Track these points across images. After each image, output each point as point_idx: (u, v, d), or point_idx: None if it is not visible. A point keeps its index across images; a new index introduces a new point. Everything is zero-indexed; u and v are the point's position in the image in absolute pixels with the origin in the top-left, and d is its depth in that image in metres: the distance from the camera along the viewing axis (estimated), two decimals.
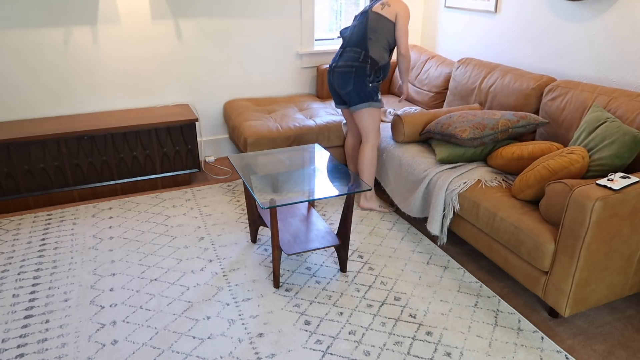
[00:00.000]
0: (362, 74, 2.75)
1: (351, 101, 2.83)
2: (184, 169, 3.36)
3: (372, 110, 2.84)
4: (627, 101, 2.29)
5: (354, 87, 2.78)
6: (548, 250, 1.94)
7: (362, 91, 2.78)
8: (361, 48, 2.77)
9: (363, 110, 2.82)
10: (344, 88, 2.81)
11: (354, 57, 2.77)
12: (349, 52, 2.81)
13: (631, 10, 2.48)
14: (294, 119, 3.34)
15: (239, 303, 2.19)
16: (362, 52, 2.76)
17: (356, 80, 2.76)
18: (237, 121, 3.32)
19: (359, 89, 2.78)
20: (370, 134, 2.89)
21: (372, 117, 2.85)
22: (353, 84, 2.78)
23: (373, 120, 2.86)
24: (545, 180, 2.12)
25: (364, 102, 2.80)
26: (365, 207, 3.03)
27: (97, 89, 3.37)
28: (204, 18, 3.48)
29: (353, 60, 2.77)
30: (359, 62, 2.75)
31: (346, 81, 2.79)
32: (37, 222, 2.88)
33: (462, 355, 1.91)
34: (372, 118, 2.85)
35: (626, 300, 2.24)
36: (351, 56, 2.78)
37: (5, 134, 2.88)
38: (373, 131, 2.89)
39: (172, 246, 2.63)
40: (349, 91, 2.80)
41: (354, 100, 2.81)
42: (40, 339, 1.97)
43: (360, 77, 2.76)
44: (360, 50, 2.77)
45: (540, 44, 3.04)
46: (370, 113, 2.84)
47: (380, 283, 2.34)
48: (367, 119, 2.85)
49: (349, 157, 3.24)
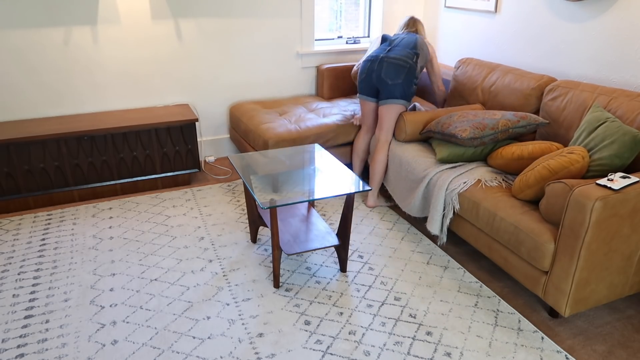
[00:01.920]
0: (413, 73, 2.90)
1: (394, 93, 2.88)
2: (184, 169, 3.36)
3: (402, 109, 2.94)
4: (627, 101, 2.29)
5: (404, 81, 2.87)
6: (548, 250, 1.94)
7: (409, 88, 2.90)
8: (414, 54, 2.92)
9: (396, 105, 2.90)
10: (394, 78, 2.87)
11: (409, 55, 2.90)
12: (401, 50, 2.92)
13: (631, 10, 2.48)
14: (309, 119, 3.34)
15: (239, 303, 2.19)
16: (414, 57, 2.91)
17: (407, 76, 2.88)
18: (251, 125, 3.31)
19: (406, 85, 2.88)
20: (390, 131, 2.98)
21: (396, 118, 2.94)
22: (404, 78, 2.87)
23: (395, 120, 2.95)
24: (545, 180, 2.11)
25: (404, 98, 2.90)
26: (373, 205, 3.05)
27: (97, 89, 3.37)
28: (204, 18, 3.48)
29: (408, 57, 2.89)
30: (412, 61, 2.89)
31: (399, 73, 2.86)
32: (37, 222, 2.88)
33: (462, 355, 1.90)
34: (396, 117, 2.94)
35: (626, 300, 2.24)
36: (407, 53, 2.90)
37: (5, 134, 2.88)
38: (392, 130, 2.98)
39: (172, 246, 2.63)
40: (397, 83, 2.87)
41: (397, 93, 2.88)
42: (40, 339, 1.97)
43: (411, 76, 2.89)
44: (413, 54, 2.91)
45: (541, 43, 3.04)
46: (399, 111, 2.93)
47: (380, 283, 2.34)
48: (393, 115, 2.93)
49: (356, 153, 3.23)
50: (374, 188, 3.05)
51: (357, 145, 3.21)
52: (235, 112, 3.61)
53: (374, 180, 3.01)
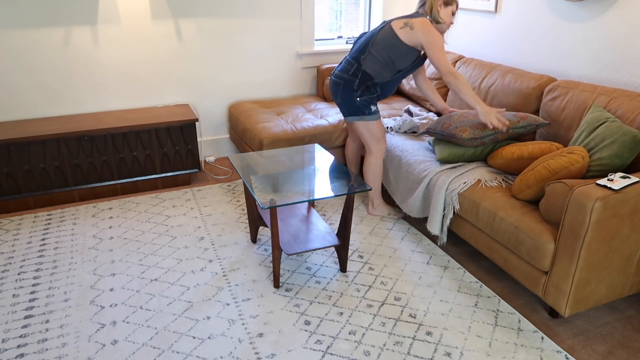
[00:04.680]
0: (349, 88, 2.67)
1: (343, 112, 2.80)
2: (184, 169, 3.36)
3: (366, 123, 2.74)
4: (627, 101, 2.29)
5: (342, 100, 2.73)
6: (548, 250, 1.94)
7: (350, 105, 2.70)
8: (355, 61, 2.66)
9: (355, 123, 2.76)
10: (335, 98, 2.79)
11: (346, 69, 2.70)
12: (345, 63, 2.74)
13: (631, 10, 2.48)
14: (306, 119, 3.34)
15: (239, 303, 2.19)
16: (355, 65, 2.65)
17: (343, 94, 2.70)
18: (248, 124, 3.31)
19: (346, 102, 2.71)
20: (370, 144, 2.81)
21: (368, 129, 2.75)
22: (341, 97, 2.73)
23: (369, 131, 2.76)
24: (545, 180, 2.11)
25: (353, 115, 2.73)
26: (374, 214, 2.97)
27: (97, 89, 3.37)
28: (204, 18, 3.48)
29: (344, 72, 2.70)
30: (348, 74, 2.67)
31: (335, 92, 2.76)
32: (37, 222, 2.88)
33: (462, 355, 1.90)
34: (368, 130, 2.75)
35: (626, 300, 2.24)
36: (344, 67, 2.72)
37: (5, 134, 2.88)
38: (373, 141, 2.80)
39: (172, 246, 2.63)
40: (338, 102, 2.78)
41: (344, 112, 2.78)
42: (40, 339, 1.97)
43: (347, 91, 2.68)
44: (353, 62, 2.67)
45: (541, 44, 3.04)
46: (364, 126, 2.74)
47: (380, 283, 2.34)
48: (363, 131, 2.77)
49: (348, 159, 3.22)
50: (372, 197, 2.94)
51: (347, 152, 3.20)
52: (233, 111, 3.62)
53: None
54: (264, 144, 3.09)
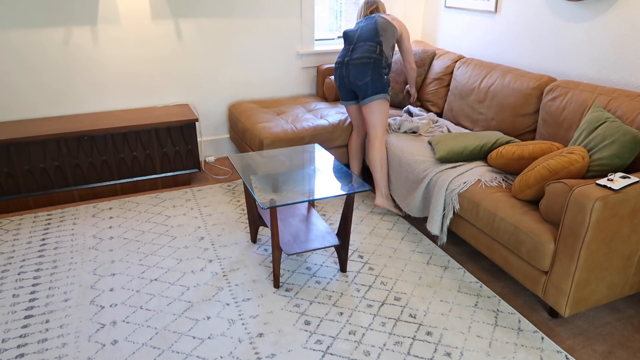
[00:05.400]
0: (380, 65, 2.85)
1: (367, 92, 2.87)
2: (184, 169, 3.36)
3: (384, 103, 2.90)
4: (627, 101, 2.29)
5: (372, 77, 2.85)
6: (548, 250, 1.94)
7: (379, 82, 2.86)
8: (375, 42, 2.87)
9: (376, 102, 2.87)
10: (362, 79, 2.85)
11: (370, 49, 2.86)
12: (363, 46, 2.88)
13: (631, 10, 2.48)
14: (306, 119, 3.33)
15: (239, 303, 2.19)
16: (377, 46, 2.86)
17: (374, 71, 2.84)
18: (248, 124, 3.31)
19: (376, 79, 2.85)
20: (379, 128, 2.93)
21: (382, 111, 2.91)
22: (372, 74, 2.85)
23: (382, 114, 2.91)
24: (545, 180, 2.11)
25: (380, 92, 2.87)
26: (379, 204, 2.98)
27: (97, 89, 3.37)
28: (204, 18, 3.48)
29: (370, 52, 2.85)
30: (376, 54, 2.84)
31: (364, 72, 2.85)
32: (37, 222, 2.88)
33: (462, 355, 1.90)
34: (382, 112, 2.91)
35: (626, 300, 2.24)
36: (367, 49, 2.86)
37: (5, 134, 2.88)
38: (382, 126, 2.94)
39: (172, 246, 2.63)
40: (366, 82, 2.85)
41: (370, 91, 2.86)
42: (40, 339, 1.97)
43: (378, 68, 2.85)
44: (375, 44, 2.86)
45: (541, 44, 3.04)
46: (382, 105, 2.90)
47: (380, 283, 2.34)
48: (377, 112, 2.90)
49: (352, 155, 3.23)
50: (380, 186, 2.97)
51: (351, 147, 3.23)
52: (233, 111, 3.62)
53: (375, 178, 2.98)
54: (264, 144, 3.09)
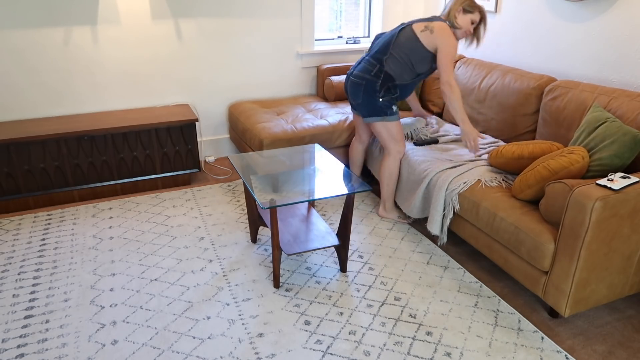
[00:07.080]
0: (372, 89, 2.66)
1: (362, 113, 2.76)
2: (184, 169, 3.36)
3: (386, 124, 2.72)
4: (628, 101, 2.29)
5: (363, 101, 2.71)
6: (548, 250, 1.94)
7: (372, 105, 2.69)
8: (377, 61, 2.66)
9: (375, 124, 2.74)
10: (355, 99, 2.76)
11: (367, 69, 2.68)
12: (365, 63, 2.72)
13: (631, 10, 2.48)
14: (306, 119, 3.33)
15: (239, 303, 2.19)
16: (377, 66, 2.65)
17: (365, 94, 2.68)
18: (248, 124, 3.31)
19: (367, 103, 2.69)
20: (389, 145, 2.77)
21: (387, 130, 2.73)
22: (362, 98, 2.70)
23: (389, 132, 2.74)
24: (545, 180, 2.11)
25: (374, 116, 2.71)
26: (383, 216, 2.94)
27: (97, 89, 3.37)
28: (204, 18, 3.48)
29: (365, 72, 2.68)
30: (371, 75, 2.66)
31: (356, 93, 2.73)
32: (37, 222, 2.88)
33: (462, 355, 1.90)
34: (388, 131, 2.74)
35: (626, 300, 2.24)
36: (364, 67, 2.70)
37: (5, 134, 2.88)
38: (392, 142, 2.76)
39: (172, 246, 2.63)
40: (359, 103, 2.74)
41: (364, 113, 2.74)
42: (40, 339, 1.97)
43: (369, 92, 2.67)
44: (375, 63, 2.66)
45: (541, 44, 3.04)
46: (384, 127, 2.73)
47: (380, 283, 2.34)
48: (382, 132, 2.75)
49: (352, 162, 3.17)
50: (384, 200, 2.90)
51: (351, 153, 3.16)
52: (233, 111, 3.62)
53: (382, 190, 2.89)
54: (264, 144, 3.09)
